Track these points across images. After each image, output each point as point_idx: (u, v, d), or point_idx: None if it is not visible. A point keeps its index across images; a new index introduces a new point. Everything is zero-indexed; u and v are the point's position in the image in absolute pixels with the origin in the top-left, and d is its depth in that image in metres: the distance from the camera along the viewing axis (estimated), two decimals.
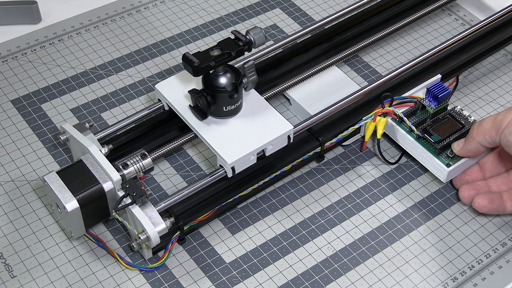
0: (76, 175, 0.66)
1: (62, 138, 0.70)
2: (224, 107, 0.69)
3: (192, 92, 0.69)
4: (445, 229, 0.71)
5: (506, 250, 0.70)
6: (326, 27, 0.86)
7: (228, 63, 0.69)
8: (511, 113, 0.66)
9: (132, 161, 0.67)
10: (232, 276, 0.67)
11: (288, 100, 0.82)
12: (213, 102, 0.69)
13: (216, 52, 0.67)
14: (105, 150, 0.69)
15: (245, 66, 0.70)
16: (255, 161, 0.70)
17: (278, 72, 0.81)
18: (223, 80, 0.68)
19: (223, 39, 0.69)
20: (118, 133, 0.73)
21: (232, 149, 0.68)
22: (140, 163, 0.67)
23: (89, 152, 0.66)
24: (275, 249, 0.69)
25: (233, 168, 0.68)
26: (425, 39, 0.90)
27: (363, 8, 0.88)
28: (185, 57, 0.67)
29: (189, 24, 0.92)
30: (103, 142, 0.71)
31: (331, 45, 0.84)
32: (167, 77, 0.75)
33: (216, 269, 0.68)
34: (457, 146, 0.71)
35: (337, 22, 0.86)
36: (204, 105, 0.69)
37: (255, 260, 0.69)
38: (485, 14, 0.94)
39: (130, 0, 0.94)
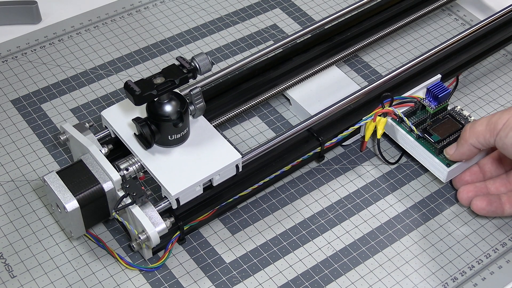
0: (76, 175, 0.66)
1: (62, 138, 0.70)
2: (169, 136, 0.66)
3: (136, 120, 0.66)
4: (445, 229, 0.71)
5: (506, 250, 0.70)
6: (326, 27, 0.86)
7: (174, 90, 0.66)
8: (506, 115, 0.66)
9: (132, 161, 0.67)
10: (232, 276, 0.67)
11: (288, 100, 0.82)
12: (157, 131, 0.66)
13: (159, 80, 0.64)
14: (105, 150, 0.69)
15: (192, 93, 0.67)
16: (201, 192, 0.67)
17: (278, 72, 0.81)
18: (167, 108, 0.65)
19: (167, 66, 0.66)
20: None
21: (176, 180, 0.65)
22: (140, 163, 0.67)
23: (89, 152, 0.66)
24: (275, 249, 0.69)
25: (177, 200, 0.65)
26: (425, 39, 0.90)
27: (363, 8, 0.88)
28: (126, 85, 0.64)
29: (189, 24, 0.92)
30: (103, 142, 0.71)
31: (331, 45, 0.84)
32: (113, 104, 0.72)
33: (216, 269, 0.68)
34: (449, 151, 0.70)
35: (337, 22, 0.86)
36: (148, 134, 0.66)
37: (255, 260, 0.69)
38: (485, 14, 0.94)
39: (130, 0, 0.94)
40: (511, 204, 0.70)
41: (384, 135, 0.76)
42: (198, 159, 0.67)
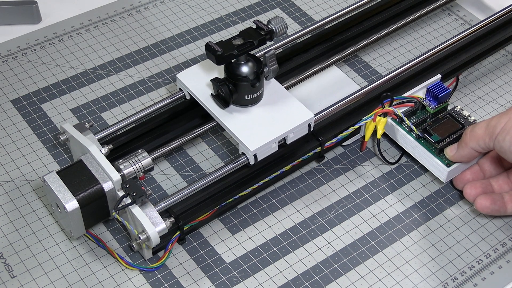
0: (76, 175, 0.66)
1: (62, 138, 0.70)
2: (246, 96, 0.70)
3: (215, 80, 0.70)
4: (445, 229, 0.71)
5: (506, 250, 0.70)
6: (326, 27, 0.86)
7: (250, 53, 0.70)
8: (504, 118, 0.66)
9: (132, 161, 0.67)
10: (232, 276, 0.67)
11: None
12: (235, 90, 0.70)
13: (238, 41, 0.68)
14: (105, 150, 0.69)
15: (266, 55, 0.70)
16: (277, 149, 0.70)
17: (278, 72, 0.81)
18: (245, 69, 0.69)
19: (244, 28, 0.70)
20: (118, 133, 0.73)
21: (254, 137, 0.69)
22: (140, 163, 0.67)
23: (89, 152, 0.66)
24: (275, 249, 0.69)
25: (255, 156, 0.69)
26: (425, 39, 0.90)
27: (363, 8, 0.88)
28: (208, 46, 0.68)
29: (189, 24, 0.92)
30: (103, 142, 0.71)
31: (331, 45, 0.84)
32: (188, 67, 0.75)
33: (216, 269, 0.68)
34: (450, 152, 0.71)
35: (337, 22, 0.86)
36: (226, 93, 0.70)
37: (255, 260, 0.69)
38: (485, 14, 0.94)
39: (130, 0, 0.94)
40: None
41: (384, 135, 0.76)
42: (274, 118, 0.71)
